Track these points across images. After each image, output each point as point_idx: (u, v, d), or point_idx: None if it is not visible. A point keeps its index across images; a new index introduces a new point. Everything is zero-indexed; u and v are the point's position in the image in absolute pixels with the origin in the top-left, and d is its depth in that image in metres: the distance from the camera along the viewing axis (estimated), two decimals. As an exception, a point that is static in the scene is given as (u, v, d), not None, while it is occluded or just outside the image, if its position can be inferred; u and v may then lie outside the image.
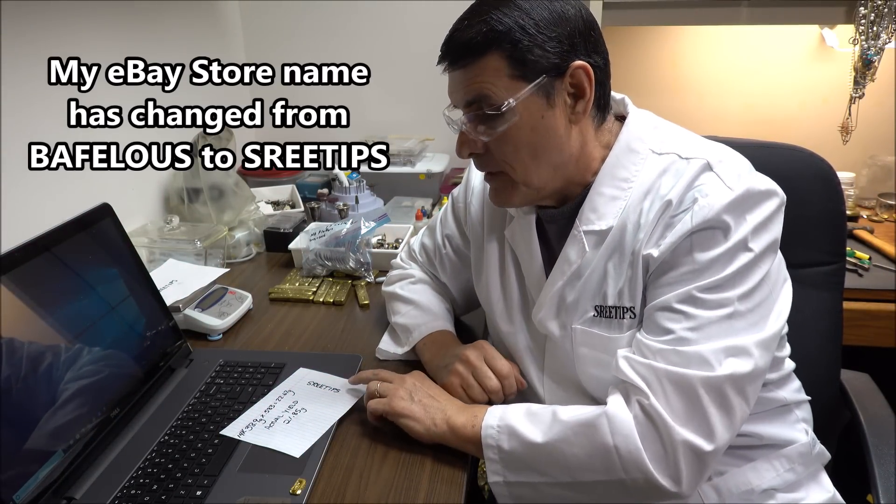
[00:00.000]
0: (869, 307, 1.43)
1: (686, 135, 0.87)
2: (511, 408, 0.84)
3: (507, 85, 0.79)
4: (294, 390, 1.01)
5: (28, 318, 0.82)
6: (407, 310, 1.11)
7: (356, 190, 1.74)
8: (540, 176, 0.84)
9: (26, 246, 0.85)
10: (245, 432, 0.92)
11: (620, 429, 0.74)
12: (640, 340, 0.79)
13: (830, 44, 1.81)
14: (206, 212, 1.56)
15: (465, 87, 0.81)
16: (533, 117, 0.80)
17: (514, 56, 0.78)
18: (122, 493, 0.82)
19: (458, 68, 0.81)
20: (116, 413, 0.92)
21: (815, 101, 1.89)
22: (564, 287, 0.88)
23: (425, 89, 2.06)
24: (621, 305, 0.83)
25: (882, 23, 1.55)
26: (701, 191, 0.77)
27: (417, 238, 1.21)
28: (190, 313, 1.20)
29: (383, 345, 1.13)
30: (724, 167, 0.79)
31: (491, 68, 0.79)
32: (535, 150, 0.82)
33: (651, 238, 0.80)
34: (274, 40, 2.06)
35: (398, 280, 1.18)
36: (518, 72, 0.78)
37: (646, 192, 0.82)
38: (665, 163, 0.83)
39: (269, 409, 0.97)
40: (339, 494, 0.82)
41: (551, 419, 0.80)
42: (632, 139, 0.86)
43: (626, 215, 0.83)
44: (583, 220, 0.86)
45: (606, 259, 0.84)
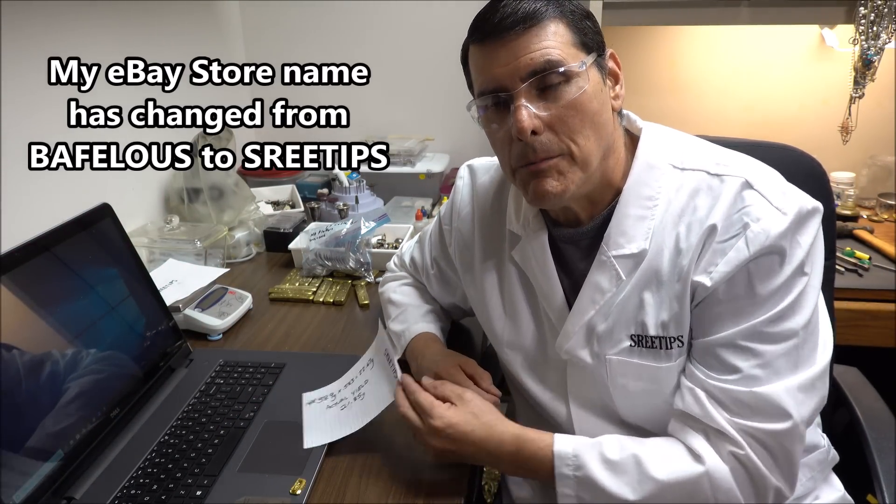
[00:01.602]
0: (869, 307, 1.43)
1: (703, 146, 0.84)
2: (581, 448, 0.77)
3: (572, 52, 0.75)
4: (374, 359, 0.97)
5: (28, 318, 0.82)
6: (396, 313, 1.10)
7: (356, 190, 1.74)
8: (596, 157, 0.78)
9: (26, 246, 0.85)
10: (313, 404, 0.96)
11: (721, 485, 0.73)
12: (704, 381, 0.75)
13: (830, 44, 1.81)
14: (206, 212, 1.56)
15: (529, 54, 0.74)
16: (596, 88, 0.77)
17: (574, 24, 0.76)
18: (122, 493, 0.82)
19: (515, 37, 0.74)
20: (116, 413, 0.92)
21: (814, 101, 1.89)
22: (595, 316, 0.82)
23: (425, 89, 2.06)
24: (667, 336, 0.79)
25: (882, 23, 1.54)
26: (749, 214, 0.73)
27: (409, 248, 1.19)
28: (190, 313, 1.20)
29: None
30: (764, 184, 0.76)
31: (554, 33, 0.74)
32: (597, 125, 0.77)
33: (698, 265, 0.75)
34: (274, 40, 2.06)
35: (391, 281, 1.19)
36: (578, 40, 0.76)
37: (679, 214, 0.78)
38: (695, 181, 0.79)
39: (348, 383, 0.97)
40: (339, 494, 0.82)
41: (638, 473, 0.74)
42: (650, 154, 0.82)
43: (661, 239, 0.79)
44: (611, 244, 0.81)
45: (642, 287, 0.80)
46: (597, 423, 0.87)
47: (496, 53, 0.75)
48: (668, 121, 0.89)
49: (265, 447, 0.90)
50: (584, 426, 0.88)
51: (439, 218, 1.07)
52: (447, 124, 2.08)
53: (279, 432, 0.93)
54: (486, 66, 0.76)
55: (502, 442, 0.80)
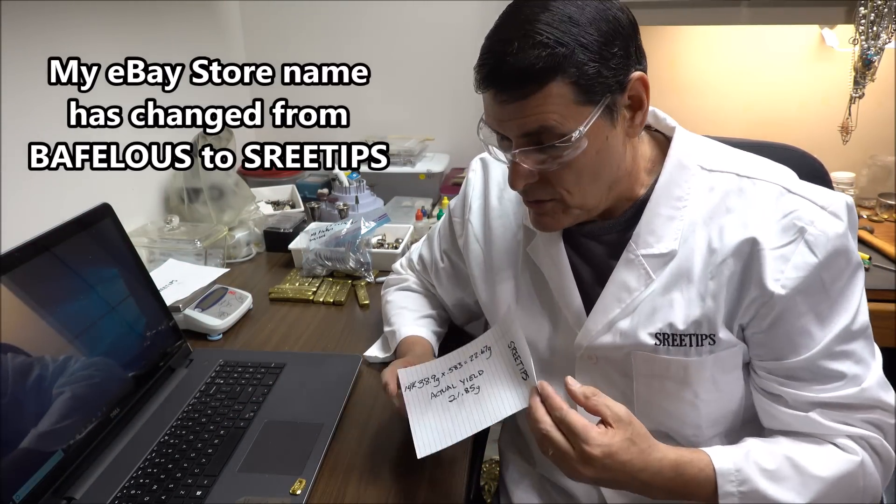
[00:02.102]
0: (869, 307, 1.43)
1: (726, 149, 0.85)
2: (739, 461, 0.75)
3: (573, 112, 0.71)
4: (492, 348, 0.85)
5: (28, 318, 0.82)
6: (391, 316, 1.10)
7: (356, 190, 1.74)
8: (597, 197, 0.79)
9: (26, 246, 0.85)
10: (413, 388, 0.85)
11: (869, 471, 0.76)
12: (815, 398, 0.76)
13: (830, 44, 1.81)
14: (206, 212, 1.56)
15: (524, 118, 0.72)
16: (598, 141, 0.74)
17: (580, 81, 0.70)
18: (122, 493, 0.82)
19: (513, 98, 0.71)
20: (116, 413, 0.92)
21: (815, 101, 1.89)
22: (619, 314, 0.82)
23: (425, 89, 2.06)
24: (699, 333, 0.79)
25: (882, 23, 1.55)
26: (801, 218, 0.74)
27: (417, 247, 1.18)
28: (190, 313, 1.20)
29: (371, 351, 1.13)
30: (801, 187, 0.78)
31: (555, 96, 0.70)
32: (597, 174, 0.76)
33: (756, 271, 0.75)
34: (274, 40, 2.06)
35: (393, 285, 1.18)
36: (584, 97, 0.70)
37: (710, 215, 0.78)
38: (726, 183, 0.79)
39: (454, 367, 0.85)
40: (339, 494, 0.82)
41: (799, 476, 0.74)
42: (682, 155, 0.81)
43: (693, 239, 0.79)
44: (640, 243, 0.80)
45: (671, 286, 0.79)
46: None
47: (497, 107, 0.73)
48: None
49: (265, 447, 0.90)
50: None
51: (449, 211, 1.06)
52: (447, 124, 2.08)
53: (279, 432, 0.93)
54: (490, 108, 0.75)
55: (661, 470, 0.73)
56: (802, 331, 0.75)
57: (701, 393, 0.81)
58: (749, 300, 0.76)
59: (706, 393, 0.81)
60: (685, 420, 0.83)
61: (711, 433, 0.84)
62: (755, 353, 0.80)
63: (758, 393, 0.82)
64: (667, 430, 0.85)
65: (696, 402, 0.82)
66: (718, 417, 0.84)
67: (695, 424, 0.83)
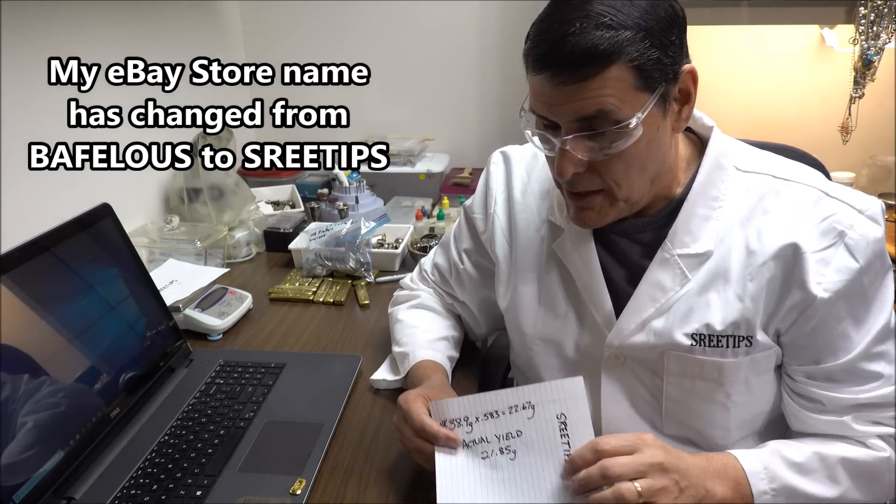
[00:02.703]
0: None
1: (758, 151, 0.85)
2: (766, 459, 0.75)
3: (631, 98, 0.69)
4: (536, 408, 0.75)
5: (28, 318, 0.82)
6: (402, 336, 1.03)
7: (356, 190, 1.74)
8: (641, 190, 0.77)
9: (26, 246, 0.85)
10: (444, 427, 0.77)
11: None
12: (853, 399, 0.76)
13: (830, 44, 1.81)
14: (206, 212, 1.56)
15: (581, 101, 0.69)
16: (650, 130, 0.72)
17: (641, 65, 0.68)
18: (122, 493, 0.82)
19: (572, 81, 0.68)
20: (116, 413, 0.92)
21: (815, 101, 1.89)
22: (653, 314, 0.81)
23: (425, 89, 2.06)
24: (736, 335, 0.78)
25: (882, 23, 1.54)
26: (840, 222, 0.75)
27: (428, 258, 1.13)
28: (190, 313, 1.20)
29: (378, 373, 1.04)
30: (837, 190, 0.78)
31: (615, 79, 0.68)
32: (645, 165, 0.75)
33: (798, 275, 0.74)
34: (274, 40, 2.06)
35: (403, 302, 1.10)
36: (643, 83, 0.69)
37: (747, 216, 0.78)
38: (762, 184, 0.79)
39: (490, 415, 0.77)
40: (339, 494, 0.82)
41: (826, 469, 0.75)
42: (719, 155, 0.81)
43: (730, 239, 0.78)
44: (676, 243, 0.80)
45: (707, 286, 0.79)
46: (630, 429, 0.81)
47: (550, 90, 0.70)
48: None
49: (265, 447, 0.90)
50: (614, 429, 0.85)
51: (466, 210, 1.03)
52: (447, 124, 2.08)
53: (279, 432, 0.93)
54: (540, 95, 0.72)
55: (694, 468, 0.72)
56: (842, 334, 0.76)
57: (733, 394, 0.80)
58: (790, 304, 0.76)
59: (738, 395, 0.80)
60: (715, 422, 0.82)
61: (739, 436, 0.84)
62: (793, 356, 0.79)
63: (791, 397, 0.81)
64: (694, 434, 0.84)
65: (727, 404, 0.81)
66: (747, 420, 0.83)
67: (724, 427, 0.82)
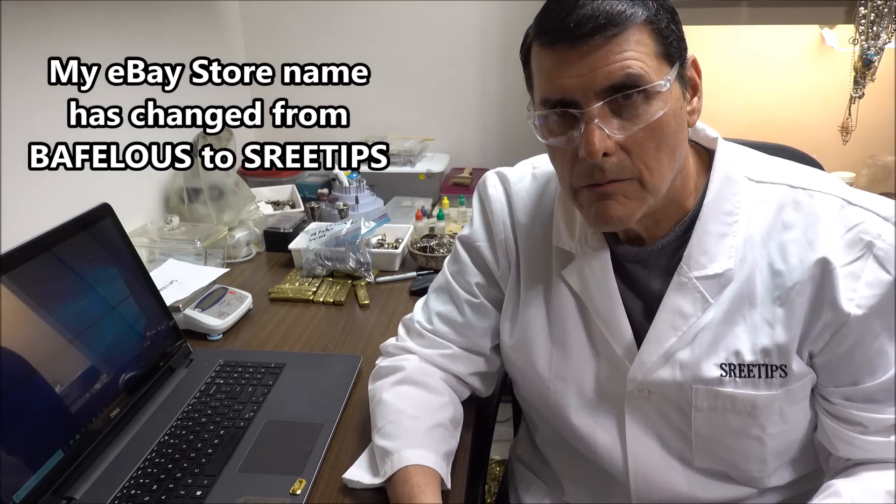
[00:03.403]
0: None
1: (770, 158, 0.80)
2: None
3: (657, 66, 0.66)
4: None
5: (28, 318, 0.82)
6: (385, 424, 0.83)
7: (356, 190, 1.74)
8: (667, 182, 0.71)
9: (26, 246, 0.85)
10: None
11: None
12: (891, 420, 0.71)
13: (830, 44, 1.81)
14: (206, 212, 1.56)
15: (607, 66, 0.64)
16: (676, 106, 0.68)
17: (661, 30, 0.66)
18: (122, 493, 0.82)
19: (594, 45, 0.64)
20: (116, 413, 0.92)
21: (815, 101, 1.89)
22: (676, 343, 0.75)
23: (425, 89, 2.06)
24: (768, 363, 0.73)
25: (882, 23, 1.54)
26: (867, 231, 0.70)
27: (419, 311, 0.95)
28: (190, 313, 1.20)
29: (353, 471, 0.82)
30: (859, 197, 0.73)
31: (637, 42, 0.65)
32: (673, 148, 0.69)
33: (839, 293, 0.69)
34: (274, 40, 2.06)
35: (385, 376, 0.90)
36: (664, 50, 0.66)
37: (768, 232, 0.73)
38: (779, 195, 0.74)
39: None
40: (339, 494, 0.82)
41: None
42: (727, 165, 0.76)
43: (751, 258, 0.73)
44: (692, 265, 0.74)
45: (733, 310, 0.73)
46: (659, 467, 0.81)
47: (568, 61, 0.66)
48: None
49: (265, 447, 0.90)
50: (644, 470, 0.82)
51: (465, 241, 0.92)
52: (447, 124, 2.08)
53: (279, 432, 0.93)
54: (555, 74, 0.67)
55: None
56: (879, 351, 0.71)
57: (768, 427, 0.75)
58: (822, 324, 0.71)
59: (773, 427, 0.75)
60: (750, 455, 0.78)
61: (775, 465, 0.79)
62: (829, 378, 0.74)
63: (833, 421, 0.75)
64: (728, 467, 0.80)
65: (762, 437, 0.76)
66: (783, 449, 0.79)
67: (760, 459, 0.78)
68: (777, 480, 0.81)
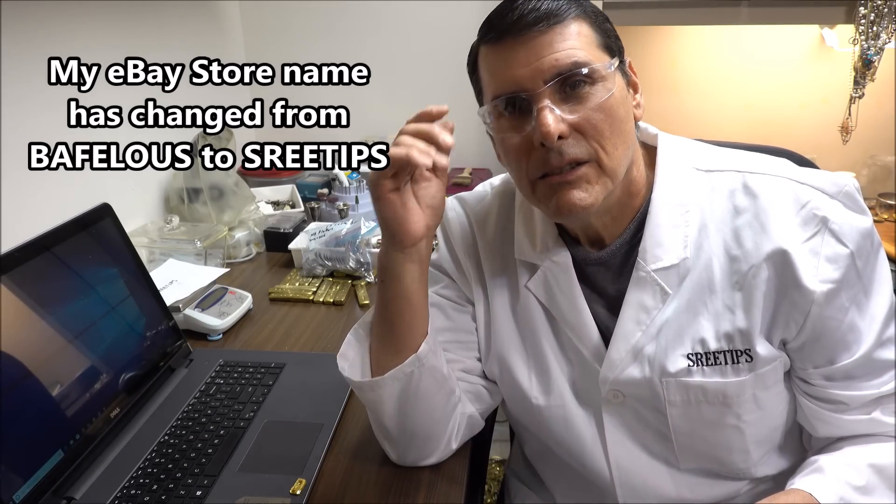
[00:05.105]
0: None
1: (716, 148, 0.81)
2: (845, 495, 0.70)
3: (599, 55, 0.70)
4: None
5: (28, 318, 0.82)
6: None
7: (356, 190, 1.74)
8: (623, 166, 0.73)
9: (26, 246, 0.85)
10: None
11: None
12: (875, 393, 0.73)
13: (830, 44, 1.81)
14: (206, 212, 1.56)
15: (554, 53, 0.68)
16: (622, 93, 0.72)
17: (599, 25, 0.72)
18: (122, 493, 0.82)
19: (537, 34, 0.68)
20: (116, 413, 0.92)
21: (814, 101, 1.89)
22: (642, 338, 0.76)
23: (425, 89, 2.06)
24: (733, 349, 0.74)
25: (882, 23, 1.55)
26: (818, 207, 0.71)
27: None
28: (190, 313, 1.20)
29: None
30: (806, 176, 0.74)
31: (579, 34, 0.69)
32: (624, 133, 0.72)
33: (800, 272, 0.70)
34: (274, 40, 2.06)
35: None
36: (604, 41, 0.72)
37: (721, 219, 0.74)
38: (727, 181, 0.76)
39: None
40: (339, 494, 0.82)
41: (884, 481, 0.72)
42: (672, 159, 0.78)
43: (709, 246, 0.74)
44: (648, 258, 0.75)
45: (694, 299, 0.74)
46: (645, 473, 0.82)
47: (515, 53, 0.69)
48: (667, 121, 0.89)
49: (265, 447, 0.90)
50: (629, 478, 0.82)
51: (434, 265, 0.91)
52: (447, 124, 2.08)
53: (279, 432, 0.93)
54: (503, 67, 0.70)
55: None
56: (850, 326, 0.72)
57: (743, 414, 0.76)
58: (789, 306, 0.72)
59: (749, 413, 0.76)
60: (731, 446, 0.78)
61: (759, 454, 0.80)
62: (807, 360, 0.75)
63: (812, 402, 0.76)
64: (713, 464, 0.80)
65: (739, 426, 0.77)
66: (764, 437, 0.79)
67: (742, 449, 0.79)
68: (767, 470, 0.82)
